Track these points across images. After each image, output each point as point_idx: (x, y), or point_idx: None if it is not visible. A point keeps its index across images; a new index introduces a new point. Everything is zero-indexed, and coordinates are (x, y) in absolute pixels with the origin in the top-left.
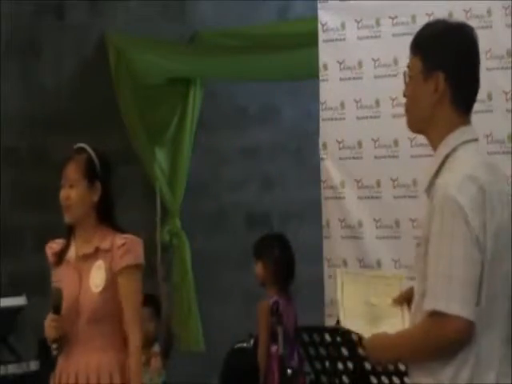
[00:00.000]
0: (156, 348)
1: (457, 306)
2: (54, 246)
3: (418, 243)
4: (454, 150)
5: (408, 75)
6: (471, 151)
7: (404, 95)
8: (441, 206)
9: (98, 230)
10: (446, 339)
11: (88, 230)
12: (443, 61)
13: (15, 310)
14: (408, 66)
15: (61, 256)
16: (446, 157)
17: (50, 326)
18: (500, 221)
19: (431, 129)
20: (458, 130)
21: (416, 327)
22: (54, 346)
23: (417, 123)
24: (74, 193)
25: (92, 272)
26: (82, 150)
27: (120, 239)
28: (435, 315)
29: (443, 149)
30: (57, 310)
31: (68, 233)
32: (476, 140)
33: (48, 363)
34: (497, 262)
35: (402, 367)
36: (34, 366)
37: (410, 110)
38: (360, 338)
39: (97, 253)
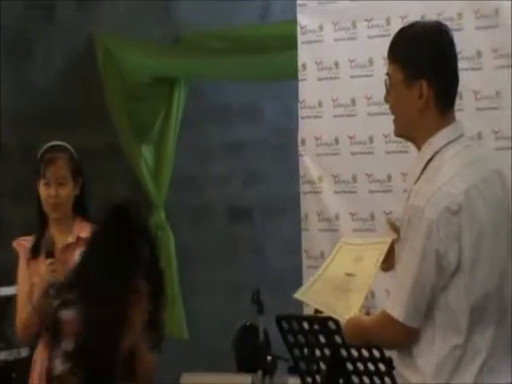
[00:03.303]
0: None
1: (401, 311)
2: (23, 243)
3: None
4: (436, 153)
5: (389, 83)
6: (455, 152)
7: (385, 100)
8: (409, 215)
9: (76, 221)
10: (388, 338)
11: (67, 222)
12: (424, 68)
13: (6, 300)
14: (387, 74)
15: (37, 249)
16: (428, 161)
17: (47, 270)
18: (483, 224)
19: (417, 133)
20: (441, 132)
21: (373, 320)
22: (52, 291)
23: (402, 128)
24: (65, 190)
25: (75, 260)
26: (64, 148)
27: None
28: (385, 313)
29: (426, 151)
30: (51, 254)
31: (42, 227)
32: (462, 136)
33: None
34: (480, 264)
35: (376, 354)
36: (24, 352)
37: (395, 116)
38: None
39: (78, 242)
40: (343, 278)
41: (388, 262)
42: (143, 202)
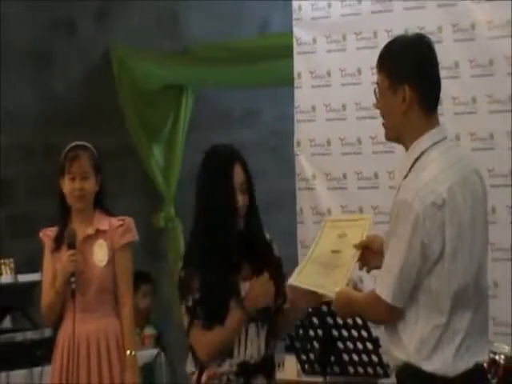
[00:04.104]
0: (149, 330)
1: (388, 293)
2: (48, 234)
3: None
4: (423, 152)
5: (378, 91)
6: (439, 153)
7: (377, 107)
8: (398, 208)
9: (95, 214)
10: (375, 315)
11: (87, 214)
12: (406, 74)
13: (32, 285)
14: (377, 83)
15: (60, 240)
16: (416, 160)
17: (68, 260)
18: (463, 218)
19: (404, 134)
20: (427, 134)
21: (363, 298)
22: (73, 279)
23: (391, 132)
24: (88, 184)
25: (94, 250)
26: (86, 147)
27: (117, 221)
28: (374, 294)
29: (413, 151)
30: (72, 246)
31: (64, 219)
32: (445, 138)
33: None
34: (460, 254)
35: (364, 334)
36: (48, 332)
37: (385, 120)
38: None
39: (97, 233)
40: (330, 255)
41: (369, 264)
42: (154, 198)
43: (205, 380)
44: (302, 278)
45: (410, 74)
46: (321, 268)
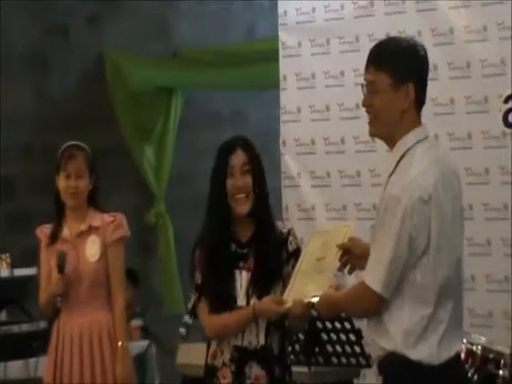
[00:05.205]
0: (135, 322)
1: (378, 284)
2: (44, 230)
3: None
4: (408, 150)
5: (372, 89)
6: (423, 150)
7: (365, 105)
8: (386, 203)
9: (89, 211)
10: (363, 307)
11: (81, 211)
12: (412, 72)
13: (27, 279)
14: (370, 81)
15: (55, 236)
16: (402, 156)
17: (56, 284)
18: (446, 214)
19: (395, 132)
20: (412, 132)
21: (347, 293)
22: (59, 299)
23: (383, 128)
24: (82, 183)
25: (87, 245)
26: (82, 147)
27: (109, 217)
28: (363, 285)
29: (400, 148)
30: (61, 269)
31: (59, 216)
32: (427, 137)
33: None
34: (443, 248)
35: (347, 325)
36: (43, 324)
37: (378, 118)
38: (312, 303)
39: (90, 230)
40: (315, 263)
41: (351, 265)
42: (146, 195)
43: (210, 360)
44: (292, 295)
45: (415, 73)
46: (307, 278)
